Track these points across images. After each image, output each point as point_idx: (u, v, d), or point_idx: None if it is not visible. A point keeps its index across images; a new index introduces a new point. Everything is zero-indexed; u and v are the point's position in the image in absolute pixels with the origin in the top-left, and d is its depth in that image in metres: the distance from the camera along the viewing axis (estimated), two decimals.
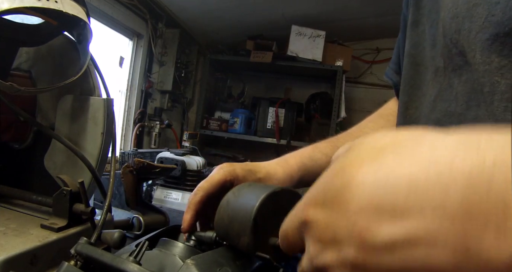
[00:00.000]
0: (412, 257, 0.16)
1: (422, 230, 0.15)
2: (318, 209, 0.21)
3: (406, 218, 0.16)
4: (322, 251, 0.21)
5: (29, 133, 0.70)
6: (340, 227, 0.19)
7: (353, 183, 0.19)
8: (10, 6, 0.45)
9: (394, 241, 0.17)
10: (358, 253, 0.18)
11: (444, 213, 0.15)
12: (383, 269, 0.17)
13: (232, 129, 2.74)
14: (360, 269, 0.19)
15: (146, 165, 0.77)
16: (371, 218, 0.18)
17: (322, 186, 0.22)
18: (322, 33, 2.42)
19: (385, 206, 0.17)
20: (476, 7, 0.29)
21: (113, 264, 0.32)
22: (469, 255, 0.14)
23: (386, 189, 0.17)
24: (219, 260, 0.37)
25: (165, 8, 2.18)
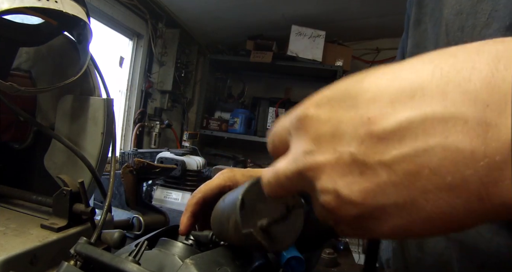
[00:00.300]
0: (425, 143, 0.15)
1: (442, 110, 0.15)
2: (322, 107, 0.20)
3: (426, 99, 0.16)
4: (315, 149, 0.19)
5: (29, 133, 0.70)
6: (345, 120, 0.18)
7: (368, 77, 0.18)
8: (10, 6, 0.45)
9: (408, 125, 0.16)
10: (360, 145, 0.17)
11: (466, 95, 0.15)
12: (386, 162, 0.17)
13: (232, 129, 2.74)
14: (358, 165, 0.17)
15: (146, 165, 0.77)
16: (384, 104, 0.17)
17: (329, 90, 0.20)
18: (322, 33, 2.42)
19: (403, 90, 0.16)
20: (480, 3, 0.29)
21: (112, 264, 0.32)
22: (488, 136, 0.14)
23: (406, 74, 0.17)
24: (218, 260, 0.37)
25: (165, 8, 2.18)
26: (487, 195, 0.15)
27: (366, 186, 0.17)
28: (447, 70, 0.16)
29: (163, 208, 0.93)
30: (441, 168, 0.15)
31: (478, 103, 0.14)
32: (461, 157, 0.15)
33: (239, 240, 0.36)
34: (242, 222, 0.35)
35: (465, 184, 0.15)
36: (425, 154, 0.15)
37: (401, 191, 0.16)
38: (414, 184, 0.16)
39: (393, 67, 0.18)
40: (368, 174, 0.17)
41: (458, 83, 0.15)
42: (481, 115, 0.14)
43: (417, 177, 0.16)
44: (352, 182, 0.18)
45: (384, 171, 0.17)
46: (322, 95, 0.20)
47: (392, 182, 0.17)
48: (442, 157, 0.15)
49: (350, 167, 0.18)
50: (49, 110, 0.70)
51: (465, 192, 0.15)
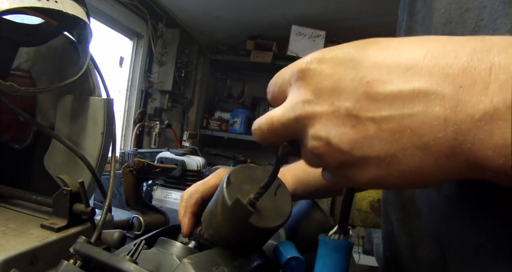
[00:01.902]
0: (411, 109, 0.19)
1: (427, 86, 0.19)
2: (325, 62, 0.22)
3: (416, 75, 0.19)
4: (314, 100, 0.22)
5: (29, 133, 0.70)
6: (347, 78, 0.21)
7: (370, 46, 0.21)
8: (10, 6, 0.45)
9: (399, 94, 0.19)
10: (356, 103, 0.20)
11: (447, 77, 0.18)
12: (376, 120, 0.20)
13: (232, 129, 2.74)
14: (351, 119, 0.20)
15: (146, 165, 0.77)
16: (382, 73, 0.20)
17: (331, 50, 0.22)
18: (322, 33, 2.42)
19: (399, 64, 0.20)
20: (468, 12, 0.29)
21: (109, 263, 0.32)
22: (458, 109, 0.18)
23: (403, 51, 0.20)
24: (215, 260, 0.37)
25: (165, 8, 2.18)
26: (453, 154, 0.18)
27: (355, 138, 0.20)
28: (436, 55, 0.19)
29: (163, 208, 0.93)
30: (420, 130, 0.19)
31: (455, 84, 0.18)
32: (436, 123, 0.18)
33: (226, 219, 0.36)
34: (228, 195, 0.35)
35: (437, 144, 0.18)
36: (409, 117, 0.19)
37: (384, 145, 0.20)
38: (396, 141, 0.19)
39: (392, 42, 0.21)
40: (358, 127, 0.20)
41: (442, 67, 0.19)
42: (455, 93, 0.18)
43: (399, 135, 0.19)
44: (343, 133, 0.21)
45: (373, 127, 0.20)
46: (324, 53, 0.22)
47: (378, 137, 0.20)
48: (422, 121, 0.19)
49: (343, 119, 0.21)
50: (49, 110, 0.70)
51: (436, 151, 0.19)
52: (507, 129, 0.17)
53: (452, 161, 0.19)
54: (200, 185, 0.50)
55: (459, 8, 0.30)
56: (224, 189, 0.36)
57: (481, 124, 0.17)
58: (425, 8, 0.37)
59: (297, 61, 0.24)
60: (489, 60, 0.17)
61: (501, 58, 0.17)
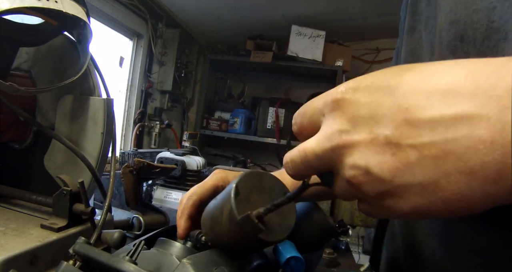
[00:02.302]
0: (454, 134, 0.18)
1: (471, 109, 0.18)
2: (361, 91, 0.22)
3: (458, 99, 0.19)
4: (351, 129, 0.21)
5: (29, 133, 0.70)
6: (384, 105, 0.21)
7: (406, 72, 0.21)
8: (10, 6, 0.45)
9: (440, 118, 0.19)
10: (396, 130, 0.20)
11: (491, 98, 0.18)
12: (417, 146, 0.19)
13: (232, 129, 2.74)
14: (391, 147, 0.20)
15: (146, 165, 0.77)
16: (421, 98, 0.20)
17: (366, 78, 0.22)
18: (322, 33, 2.42)
19: (439, 88, 0.19)
20: (476, 13, 0.28)
21: (109, 263, 0.32)
22: (505, 131, 0.17)
23: (442, 75, 0.20)
24: (215, 260, 0.37)
25: (165, 8, 2.18)
26: (501, 178, 0.18)
27: (396, 166, 0.20)
28: (477, 77, 0.18)
29: (163, 208, 0.93)
30: (465, 155, 0.18)
31: (500, 105, 0.17)
32: (482, 147, 0.18)
33: (232, 230, 0.36)
34: (237, 208, 0.34)
35: (484, 169, 0.18)
36: (453, 142, 0.18)
37: (427, 172, 0.19)
38: (439, 167, 0.19)
39: (429, 67, 0.21)
40: (399, 155, 0.20)
41: (485, 89, 0.18)
42: (501, 114, 0.17)
43: (442, 161, 0.19)
44: (383, 161, 0.20)
45: (414, 154, 0.19)
46: (359, 82, 0.22)
47: (420, 164, 0.19)
48: (467, 146, 0.18)
49: (383, 147, 0.20)
50: (49, 110, 0.70)
51: (483, 176, 0.18)
52: None
53: (499, 186, 0.18)
54: (197, 187, 0.50)
55: (466, 8, 0.30)
56: (232, 200, 0.35)
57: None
58: (430, 7, 0.36)
59: (330, 91, 0.23)
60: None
61: None
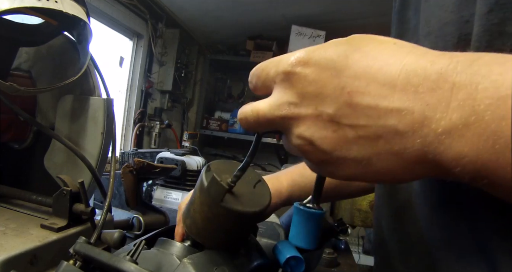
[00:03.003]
0: (384, 121, 0.21)
1: (400, 103, 0.21)
2: (310, 67, 0.24)
3: (391, 92, 0.21)
4: (299, 102, 0.24)
5: (29, 133, 0.70)
6: (330, 86, 0.23)
7: (353, 54, 0.23)
8: (10, 6, 0.45)
9: (376, 106, 0.22)
10: (338, 110, 0.23)
11: (417, 95, 0.21)
12: (354, 127, 0.22)
13: (232, 129, 2.74)
14: (333, 124, 0.23)
15: (146, 165, 0.77)
16: (362, 84, 0.22)
17: (316, 52, 0.24)
18: (322, 33, 2.42)
19: (377, 78, 0.22)
20: (446, 25, 0.30)
21: (110, 263, 0.32)
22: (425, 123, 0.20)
23: (382, 64, 0.22)
24: (216, 259, 0.37)
25: (165, 8, 2.18)
26: (420, 161, 0.21)
27: (336, 141, 0.23)
28: (409, 72, 0.21)
29: (163, 208, 0.93)
30: (392, 140, 0.21)
31: (423, 102, 0.20)
32: (406, 135, 0.21)
33: (203, 203, 0.36)
34: (205, 178, 0.36)
35: (406, 153, 0.21)
36: (383, 128, 0.22)
37: (361, 149, 0.23)
38: (371, 147, 0.22)
39: (374, 50, 0.23)
40: (339, 132, 0.23)
41: (413, 85, 0.21)
42: (422, 110, 0.20)
43: (374, 142, 0.22)
44: (325, 136, 0.23)
45: (352, 133, 0.22)
46: (309, 55, 0.24)
47: (356, 142, 0.23)
48: (394, 133, 0.21)
49: (326, 124, 0.23)
50: (49, 110, 0.70)
51: (406, 158, 0.22)
52: (462, 143, 0.19)
53: (419, 166, 0.22)
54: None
55: (438, 21, 0.31)
56: (203, 173, 0.37)
57: (442, 138, 0.20)
58: (416, 16, 0.36)
59: (281, 58, 0.26)
60: (452, 80, 0.20)
61: (462, 78, 0.19)
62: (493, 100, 0.18)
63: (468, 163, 0.19)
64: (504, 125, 0.18)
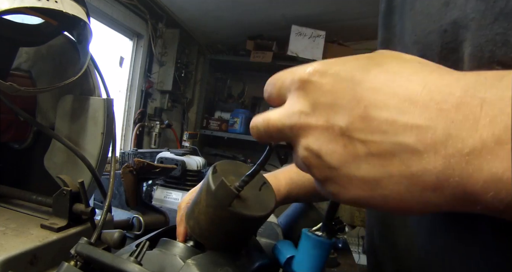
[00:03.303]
0: (402, 139, 0.19)
1: (421, 120, 0.19)
2: (327, 77, 0.22)
3: (412, 108, 0.19)
4: (310, 112, 0.23)
5: (29, 133, 0.70)
6: (345, 98, 0.21)
7: (374, 68, 0.22)
8: (10, 6, 0.45)
9: (393, 122, 0.20)
10: (351, 124, 0.21)
11: (440, 112, 0.19)
12: (367, 143, 0.20)
13: (232, 129, 2.74)
14: (344, 138, 0.21)
15: (146, 165, 0.77)
16: (380, 98, 0.20)
17: (335, 63, 0.23)
18: (322, 33, 2.42)
19: (398, 93, 0.20)
20: (430, 34, 0.29)
21: (113, 265, 0.32)
22: (448, 143, 0.18)
23: (404, 80, 0.20)
24: (219, 260, 0.37)
25: (165, 8, 2.18)
26: (440, 187, 0.19)
27: (345, 156, 0.21)
28: (433, 89, 0.19)
29: (163, 208, 0.93)
30: (409, 161, 0.19)
31: (447, 119, 0.18)
32: (426, 155, 0.19)
33: (209, 205, 0.36)
34: (213, 180, 0.35)
35: (424, 176, 0.19)
36: (400, 147, 0.19)
37: (371, 169, 0.20)
38: (383, 167, 0.20)
39: (397, 67, 0.21)
40: (349, 147, 0.21)
41: (437, 102, 0.19)
42: (447, 128, 0.18)
43: (387, 162, 0.20)
44: (334, 150, 0.21)
45: (363, 149, 0.20)
46: (327, 66, 0.23)
47: (367, 159, 0.20)
48: (412, 152, 0.19)
49: (336, 137, 0.21)
50: (49, 110, 0.70)
51: (422, 182, 0.19)
52: (495, 163, 0.17)
53: (438, 193, 0.19)
54: (190, 194, 0.50)
55: (423, 30, 0.30)
56: (210, 175, 0.36)
57: (470, 158, 0.18)
58: (401, 21, 0.36)
59: (299, 68, 0.24)
60: (481, 96, 0.18)
61: (492, 93, 0.18)
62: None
63: (503, 187, 0.17)
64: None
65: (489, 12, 0.24)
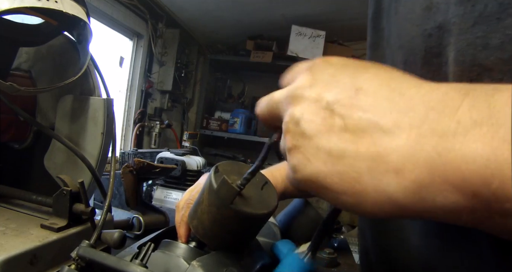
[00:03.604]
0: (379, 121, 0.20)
1: (403, 108, 0.20)
2: (333, 65, 0.25)
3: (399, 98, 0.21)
4: (308, 86, 0.24)
5: (29, 133, 0.70)
6: (343, 80, 0.23)
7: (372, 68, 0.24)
8: (10, 6, 0.45)
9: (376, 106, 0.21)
10: (338, 100, 0.22)
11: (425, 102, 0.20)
12: (344, 117, 0.21)
13: (232, 129, 2.74)
14: (326, 112, 0.22)
15: (146, 165, 0.77)
16: (374, 88, 0.22)
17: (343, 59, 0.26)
18: (322, 33, 2.42)
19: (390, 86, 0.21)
20: (414, 39, 0.30)
21: (118, 268, 0.32)
22: (424, 125, 0.19)
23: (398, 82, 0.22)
24: (224, 261, 0.37)
25: (165, 8, 2.18)
26: (403, 169, 0.19)
27: (320, 127, 0.22)
28: (424, 86, 0.21)
29: (163, 208, 0.93)
30: (379, 140, 0.20)
31: (428, 106, 0.19)
32: (397, 136, 0.19)
33: (212, 204, 0.36)
34: (215, 179, 0.36)
35: (390, 156, 0.19)
36: (375, 126, 0.20)
37: (340, 143, 0.21)
38: (353, 143, 0.21)
39: (389, 72, 0.23)
40: (327, 120, 0.22)
41: (423, 94, 0.20)
42: (426, 113, 0.19)
43: (359, 139, 0.21)
44: (313, 120, 0.23)
45: (340, 123, 0.21)
46: (338, 58, 0.26)
47: (339, 133, 0.21)
48: (385, 132, 0.20)
49: (320, 110, 0.23)
50: (49, 110, 0.70)
51: (386, 163, 0.20)
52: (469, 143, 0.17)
53: (399, 179, 0.19)
54: (189, 193, 0.50)
55: (407, 35, 0.31)
56: (212, 175, 0.37)
57: (442, 140, 0.18)
58: (388, 26, 0.36)
59: (314, 59, 0.27)
60: (464, 92, 0.19)
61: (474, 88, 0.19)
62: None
63: (475, 170, 0.17)
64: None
65: (468, 16, 0.25)
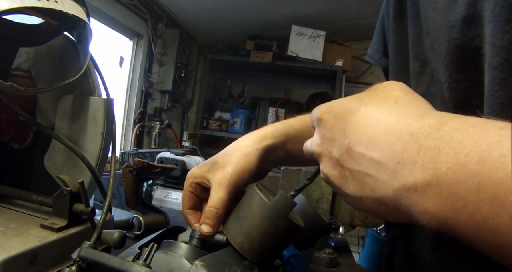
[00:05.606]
0: (369, 171, 0.26)
1: (379, 158, 0.25)
2: (331, 117, 0.30)
3: (373, 146, 0.26)
4: (320, 144, 0.31)
5: (29, 133, 0.70)
6: (338, 135, 0.29)
7: (359, 112, 0.28)
8: (10, 6, 0.45)
9: (363, 156, 0.26)
10: (341, 155, 0.28)
11: (392, 151, 0.24)
12: (351, 171, 0.28)
13: (232, 129, 2.74)
14: (338, 166, 0.29)
15: (146, 165, 0.77)
16: (357, 137, 0.27)
17: (337, 105, 0.31)
18: (322, 33, 2.42)
19: (367, 134, 0.27)
20: (439, 28, 0.32)
21: (122, 269, 0.32)
22: (396, 179, 0.24)
23: (375, 126, 0.27)
24: (227, 261, 0.37)
25: (165, 8, 2.18)
26: (397, 209, 0.24)
27: (340, 180, 0.29)
28: (390, 132, 0.25)
29: (163, 208, 0.93)
30: (374, 188, 0.26)
31: (395, 159, 0.24)
32: (383, 186, 0.25)
33: (265, 217, 0.38)
34: (266, 196, 0.39)
35: (385, 199, 0.25)
36: (368, 177, 0.26)
37: (355, 190, 0.28)
38: (361, 190, 0.27)
39: (374, 108, 0.28)
40: (342, 173, 0.29)
41: (390, 143, 0.25)
42: (395, 166, 0.24)
43: (362, 187, 0.27)
44: (335, 175, 0.30)
45: (349, 175, 0.28)
46: (332, 107, 0.31)
47: (352, 183, 0.28)
48: (375, 182, 0.26)
49: (335, 165, 0.30)
50: (49, 110, 0.70)
51: (385, 204, 0.26)
52: (426, 200, 0.22)
53: (399, 212, 0.25)
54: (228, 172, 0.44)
55: (433, 23, 0.33)
56: (258, 193, 0.39)
57: (409, 194, 0.23)
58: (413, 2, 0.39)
59: (319, 106, 0.33)
60: (420, 143, 0.23)
61: (428, 142, 0.22)
62: (452, 165, 0.20)
63: (432, 217, 0.21)
64: (461, 188, 0.20)
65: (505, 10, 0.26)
